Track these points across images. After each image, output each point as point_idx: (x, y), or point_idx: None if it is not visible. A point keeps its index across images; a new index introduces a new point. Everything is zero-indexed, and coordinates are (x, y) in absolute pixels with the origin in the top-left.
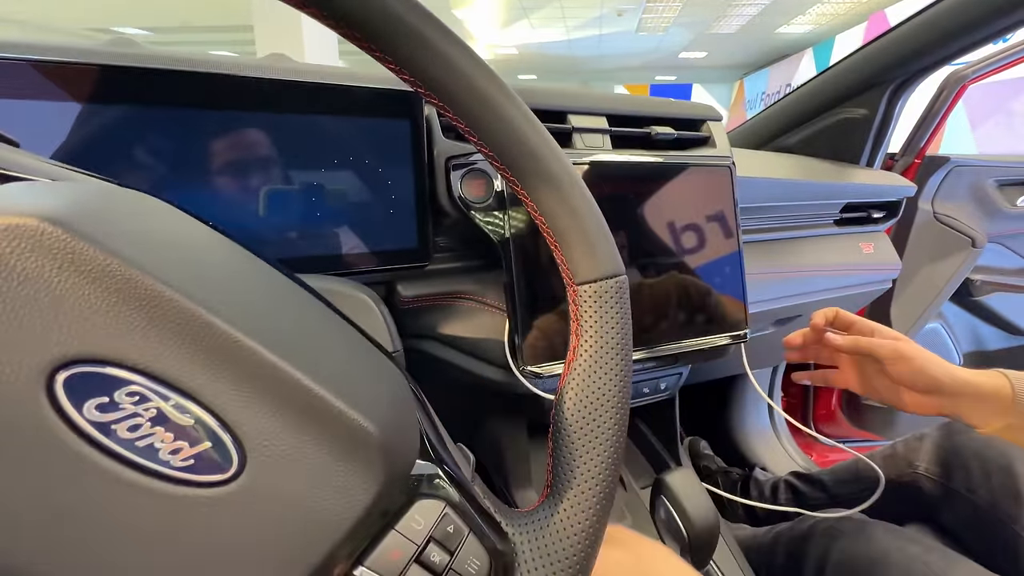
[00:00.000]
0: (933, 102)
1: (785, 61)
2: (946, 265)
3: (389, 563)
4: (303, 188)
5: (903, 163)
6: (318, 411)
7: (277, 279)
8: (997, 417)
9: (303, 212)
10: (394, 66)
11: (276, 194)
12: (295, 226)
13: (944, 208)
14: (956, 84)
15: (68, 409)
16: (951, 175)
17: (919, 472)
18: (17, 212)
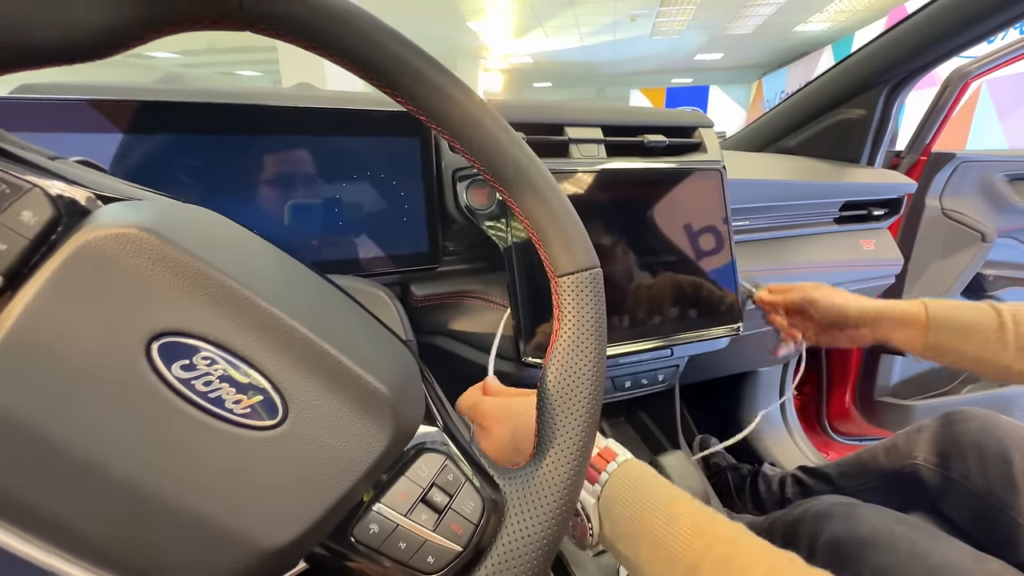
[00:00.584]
0: (937, 99)
1: (804, 59)
2: (956, 260)
3: (401, 501)
4: (328, 200)
5: (909, 160)
6: (342, 375)
7: (310, 275)
8: (918, 339)
9: (328, 221)
10: (397, 97)
11: (304, 206)
12: (321, 234)
13: (952, 204)
14: (960, 81)
15: (161, 369)
16: (958, 171)
17: (918, 462)
18: (121, 224)
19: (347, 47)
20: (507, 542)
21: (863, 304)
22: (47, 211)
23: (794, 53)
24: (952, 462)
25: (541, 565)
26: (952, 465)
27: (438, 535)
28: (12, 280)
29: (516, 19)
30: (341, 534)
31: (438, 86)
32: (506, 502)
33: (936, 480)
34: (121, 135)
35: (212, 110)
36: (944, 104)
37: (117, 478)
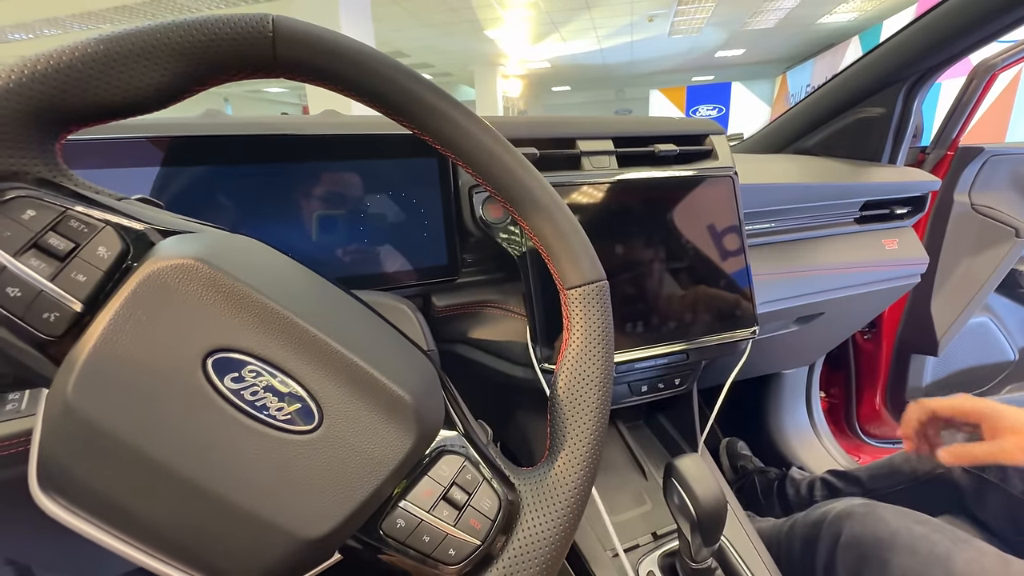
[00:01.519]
0: (963, 93)
1: (830, 51)
2: (988, 257)
3: (424, 498)
4: (354, 219)
5: (935, 156)
6: (370, 384)
7: (339, 294)
8: None
9: (354, 239)
10: (415, 131)
11: (333, 225)
12: (348, 251)
13: (983, 199)
14: (985, 73)
15: (215, 380)
16: (987, 165)
17: None
18: (179, 255)
19: (370, 89)
20: (522, 537)
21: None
22: (117, 246)
23: (819, 45)
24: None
25: (554, 558)
26: (988, 467)
27: (458, 530)
28: (90, 306)
29: (533, 25)
30: (371, 528)
31: (453, 120)
32: (521, 500)
33: (970, 483)
34: (168, 168)
35: (248, 141)
36: (970, 97)
37: (181, 475)
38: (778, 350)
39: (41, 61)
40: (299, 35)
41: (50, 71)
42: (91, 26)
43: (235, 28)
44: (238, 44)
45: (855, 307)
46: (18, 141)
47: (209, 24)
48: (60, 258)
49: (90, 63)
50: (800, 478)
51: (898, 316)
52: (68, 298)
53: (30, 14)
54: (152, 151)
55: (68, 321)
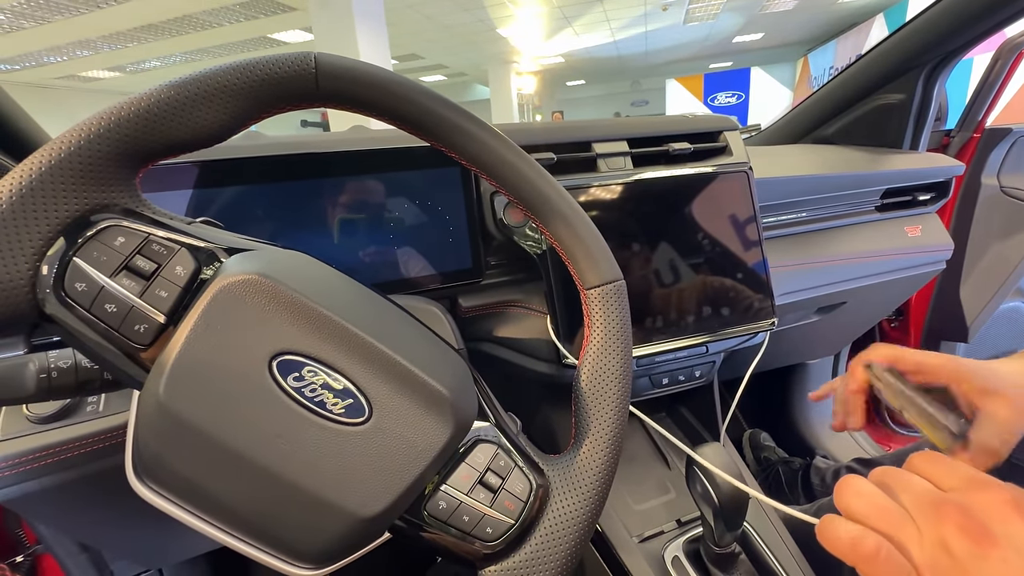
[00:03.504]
0: (988, 73)
1: (853, 31)
2: (1020, 240)
3: (463, 482)
4: (385, 227)
5: (960, 139)
6: (411, 381)
7: (381, 300)
8: None
9: (385, 246)
10: (442, 148)
11: (365, 234)
12: (379, 258)
13: (1012, 180)
14: (1011, 53)
15: (280, 380)
16: (1016, 146)
17: None
18: (244, 272)
19: (402, 114)
20: (552, 517)
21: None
22: (191, 264)
23: (842, 25)
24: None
25: (582, 536)
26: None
27: (494, 510)
28: (172, 318)
29: (545, 21)
30: (417, 510)
31: (478, 138)
32: (550, 484)
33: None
34: (219, 188)
35: (287, 160)
36: (996, 78)
37: (255, 462)
38: (801, 341)
39: (124, 108)
40: (338, 69)
41: (132, 116)
42: (120, 45)
43: (283, 67)
44: (287, 81)
45: (878, 295)
46: (108, 178)
47: (260, 65)
48: (146, 277)
49: (164, 107)
50: (825, 467)
51: (926, 303)
52: (154, 311)
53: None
54: (206, 174)
55: (155, 332)
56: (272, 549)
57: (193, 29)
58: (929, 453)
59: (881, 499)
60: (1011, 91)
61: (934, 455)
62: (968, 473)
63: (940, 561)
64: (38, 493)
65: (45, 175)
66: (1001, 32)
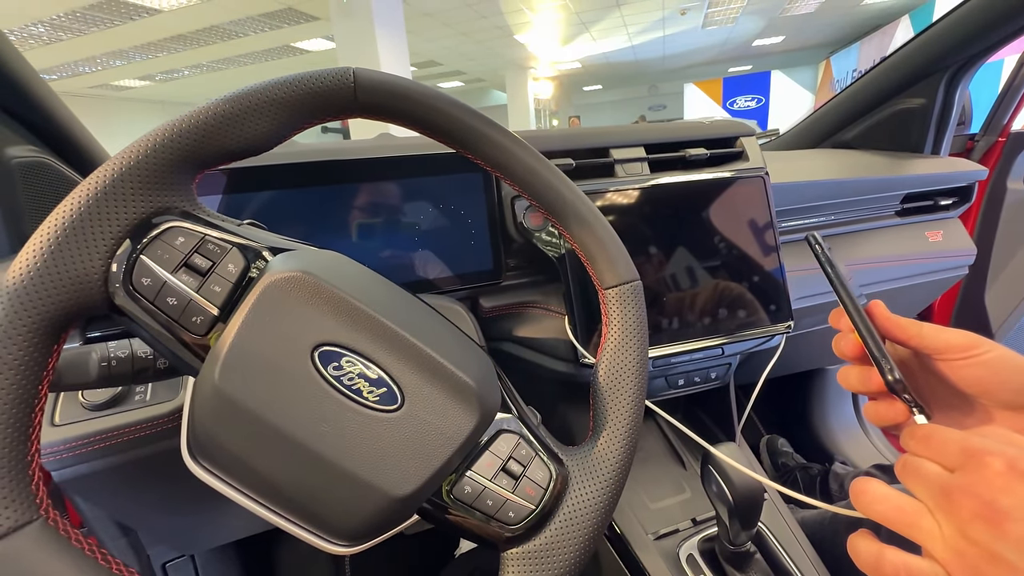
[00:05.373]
0: (1013, 77)
1: (877, 33)
2: None
3: (487, 469)
4: (411, 230)
5: (985, 143)
6: (441, 372)
7: (411, 298)
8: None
9: (410, 248)
10: (469, 155)
11: (393, 236)
12: (405, 259)
13: None
14: None
15: (322, 369)
16: None
17: None
18: (289, 270)
19: (433, 124)
20: (571, 504)
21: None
22: (241, 263)
23: (866, 27)
24: None
25: (599, 523)
26: None
27: (516, 496)
28: (223, 311)
29: (562, 27)
30: (444, 493)
31: (501, 145)
32: (569, 474)
33: None
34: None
35: (318, 166)
36: (1021, 82)
37: (301, 445)
38: (820, 346)
39: (184, 121)
40: (376, 83)
41: (191, 128)
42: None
43: (325, 81)
44: (328, 93)
45: (899, 301)
46: (169, 183)
47: (305, 80)
48: (202, 274)
49: (219, 119)
50: (844, 472)
51: (949, 309)
52: (209, 305)
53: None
54: (248, 179)
55: (209, 323)
56: (311, 526)
57: (220, 39)
58: (915, 430)
59: (895, 499)
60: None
61: (920, 431)
62: (960, 445)
63: (966, 552)
64: (90, 475)
65: (116, 183)
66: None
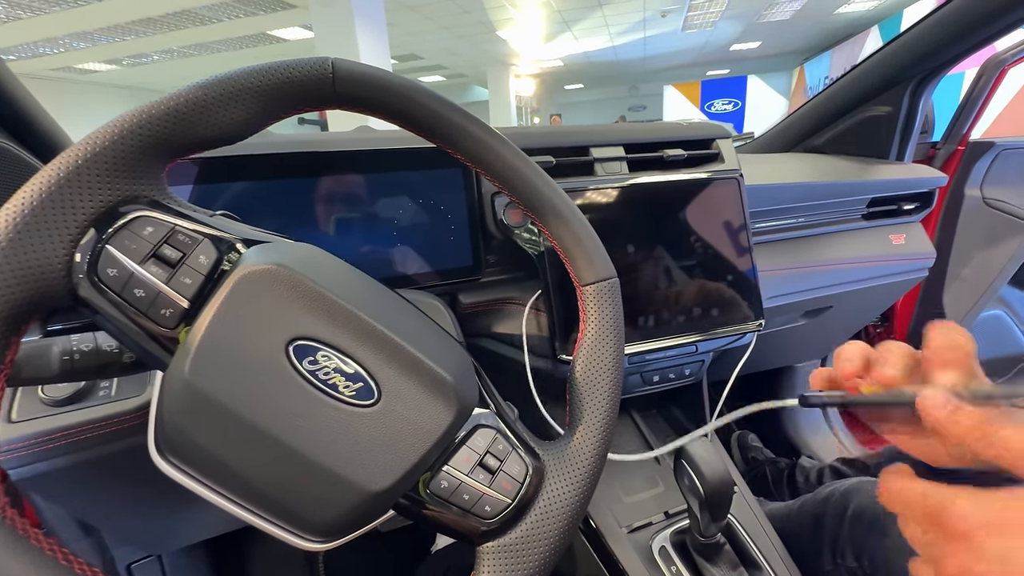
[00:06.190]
0: (972, 88)
1: (849, 42)
2: (1000, 250)
3: (463, 464)
4: (389, 225)
5: (945, 152)
6: (418, 367)
7: (389, 293)
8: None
9: (388, 243)
10: (449, 150)
11: (371, 231)
12: (383, 254)
13: (994, 193)
14: (995, 69)
15: (296, 363)
16: (1000, 158)
17: None
18: (263, 262)
19: (412, 117)
20: (546, 498)
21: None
22: (213, 254)
23: (838, 36)
24: None
25: (574, 516)
26: None
27: (493, 490)
28: (195, 303)
29: (545, 25)
30: (421, 488)
31: (481, 140)
32: (545, 468)
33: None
34: (232, 183)
35: (295, 158)
36: (980, 93)
37: (275, 440)
38: (789, 344)
39: (155, 107)
40: (355, 74)
41: (161, 114)
42: (117, 38)
43: (302, 70)
44: (306, 83)
45: (863, 301)
46: (137, 171)
47: (282, 69)
48: (172, 265)
49: (192, 106)
50: (809, 466)
51: (910, 310)
52: (179, 297)
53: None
54: (221, 169)
55: (179, 316)
56: (284, 522)
57: (192, 24)
58: (886, 481)
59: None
60: (1000, 106)
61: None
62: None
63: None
64: (50, 474)
65: (81, 169)
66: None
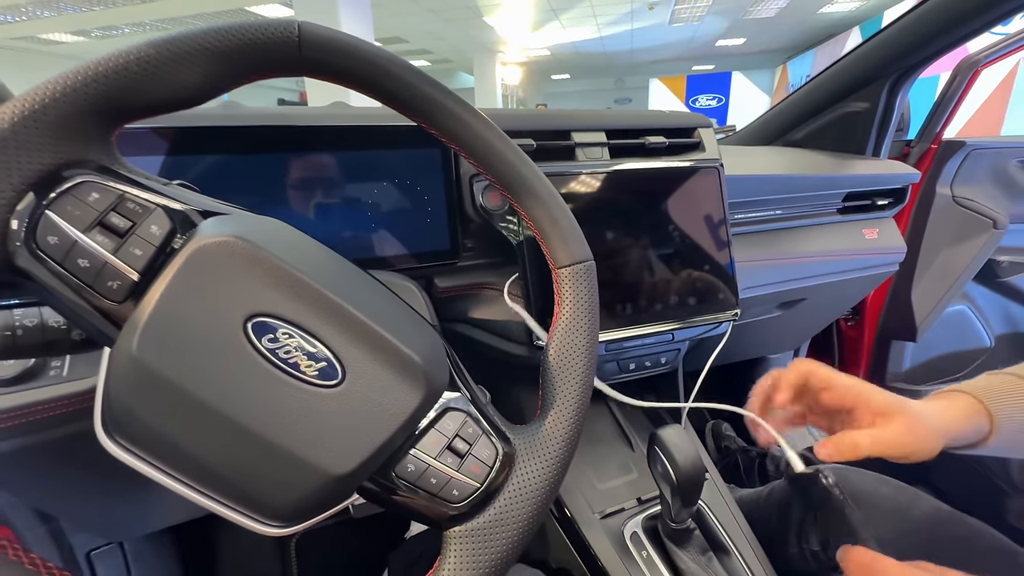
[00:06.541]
0: (947, 88)
1: (831, 42)
2: (967, 247)
3: (432, 447)
4: (364, 205)
5: (919, 149)
6: (386, 347)
7: (357, 270)
8: None
9: (364, 224)
10: (423, 125)
11: (344, 211)
12: (358, 235)
13: (963, 191)
14: (969, 70)
15: (255, 341)
16: (969, 159)
17: None
18: (222, 234)
19: (383, 87)
20: (516, 482)
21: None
22: (167, 224)
23: (820, 36)
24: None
25: (544, 500)
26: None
27: (461, 474)
28: (145, 276)
29: (532, 12)
30: (387, 472)
31: (458, 116)
32: (516, 452)
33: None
34: (194, 156)
35: (263, 131)
36: (954, 93)
37: (229, 419)
38: (764, 334)
39: (102, 64)
40: (323, 38)
41: (110, 72)
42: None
43: (266, 32)
44: (269, 46)
45: (836, 293)
46: (83, 133)
47: (243, 29)
48: (120, 235)
49: (143, 65)
50: (780, 455)
51: (881, 304)
52: (128, 269)
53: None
54: (184, 140)
55: (128, 289)
56: (242, 506)
57: None
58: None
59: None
60: (975, 107)
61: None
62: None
63: None
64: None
65: (17, 128)
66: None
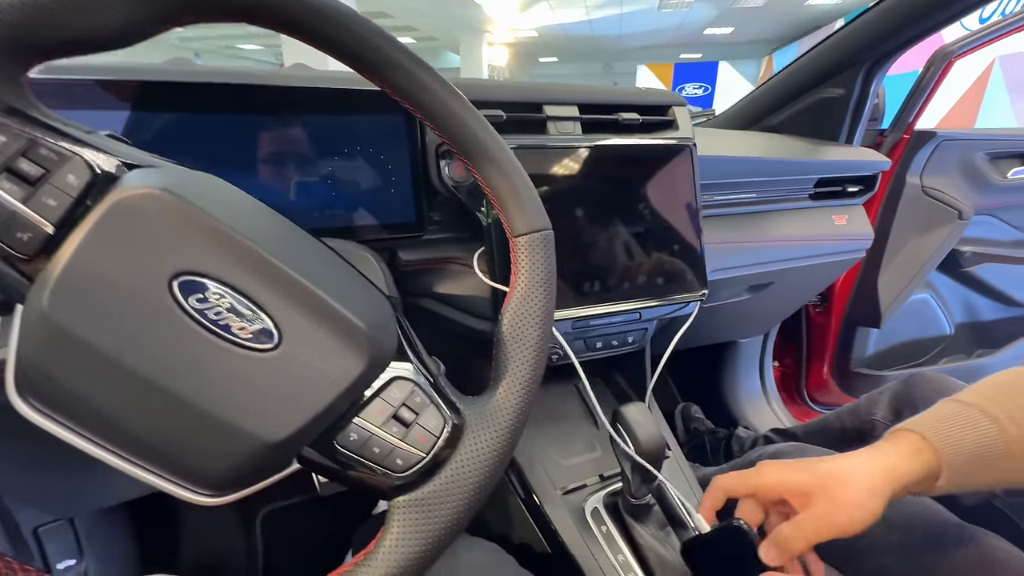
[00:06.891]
0: (921, 79)
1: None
2: (932, 237)
3: (376, 415)
4: (323, 173)
5: (892, 139)
6: (326, 311)
7: (299, 231)
8: None
9: (323, 192)
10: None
11: (300, 176)
12: (317, 203)
13: (932, 182)
14: (943, 60)
15: (181, 301)
16: (939, 149)
17: (876, 420)
18: (146, 185)
19: (335, 40)
20: (464, 452)
21: None
22: (86, 175)
23: (806, 27)
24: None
25: (493, 471)
26: None
27: (406, 443)
28: (61, 228)
29: None
30: (327, 441)
31: (413, 75)
32: (465, 422)
33: None
34: (136, 112)
35: (214, 89)
36: (927, 83)
37: (153, 383)
38: (732, 318)
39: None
40: None
41: (18, 3)
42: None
43: None
44: None
45: (804, 278)
46: None
47: None
48: (31, 182)
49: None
50: (745, 435)
51: (848, 290)
52: (40, 220)
53: None
54: (121, 94)
55: (41, 242)
56: (170, 474)
57: None
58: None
59: None
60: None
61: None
62: None
63: None
64: None
65: None
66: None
